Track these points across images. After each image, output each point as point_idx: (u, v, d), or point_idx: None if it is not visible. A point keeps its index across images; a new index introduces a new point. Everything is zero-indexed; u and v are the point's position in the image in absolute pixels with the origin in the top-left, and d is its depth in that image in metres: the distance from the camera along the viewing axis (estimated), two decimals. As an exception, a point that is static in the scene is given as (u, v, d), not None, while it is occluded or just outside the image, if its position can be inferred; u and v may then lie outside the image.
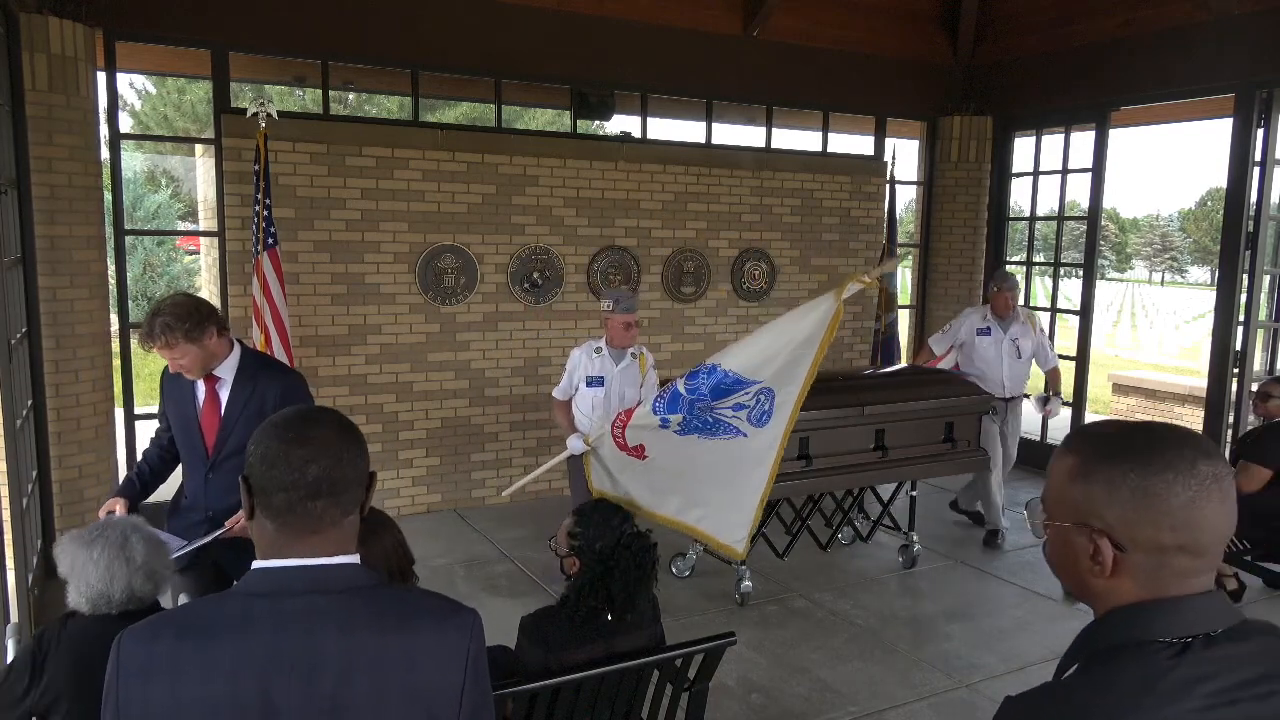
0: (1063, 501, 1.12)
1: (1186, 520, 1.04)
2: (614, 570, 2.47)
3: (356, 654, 1.24)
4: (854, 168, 7.48)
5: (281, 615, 1.24)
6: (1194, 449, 1.06)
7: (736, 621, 4.41)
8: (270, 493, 1.28)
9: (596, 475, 4.54)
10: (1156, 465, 1.05)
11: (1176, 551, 1.05)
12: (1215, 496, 1.04)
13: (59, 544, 2.25)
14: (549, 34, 6.22)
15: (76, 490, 4.90)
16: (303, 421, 1.33)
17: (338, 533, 1.31)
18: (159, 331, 2.80)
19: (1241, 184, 6.04)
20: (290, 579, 1.27)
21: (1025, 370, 5.79)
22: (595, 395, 4.52)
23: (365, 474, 1.36)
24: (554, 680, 2.30)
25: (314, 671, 1.23)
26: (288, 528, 1.28)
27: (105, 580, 2.16)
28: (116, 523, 2.30)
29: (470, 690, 1.31)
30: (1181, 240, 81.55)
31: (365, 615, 1.27)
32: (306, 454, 1.28)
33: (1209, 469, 1.05)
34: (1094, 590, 1.12)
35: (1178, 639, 1.03)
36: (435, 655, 1.29)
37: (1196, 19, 6.17)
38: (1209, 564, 1.07)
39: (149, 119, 20.54)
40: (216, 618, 1.26)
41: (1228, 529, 1.07)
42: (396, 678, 1.26)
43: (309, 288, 5.67)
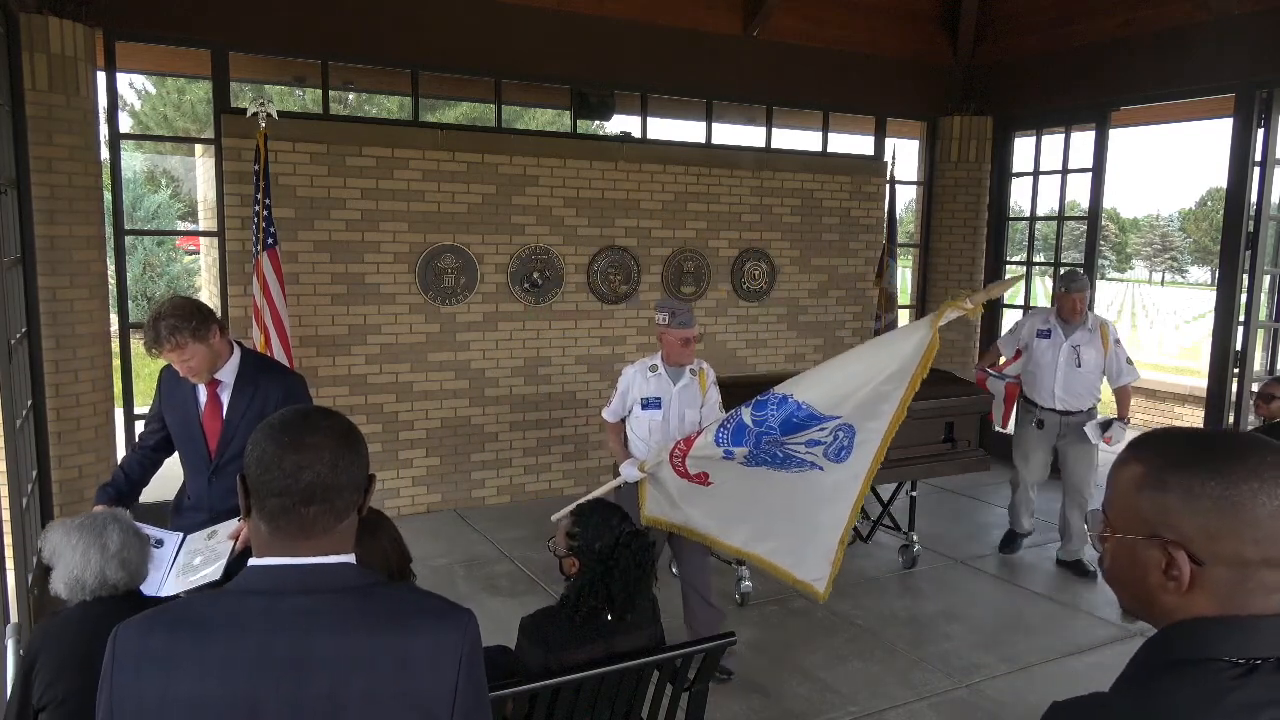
0: (1130, 512, 1.04)
1: (1273, 532, 0.97)
2: (613, 570, 2.47)
3: (350, 654, 1.24)
4: (854, 168, 7.48)
5: (275, 613, 1.24)
6: (1274, 456, 0.99)
7: (736, 621, 4.40)
8: (264, 496, 1.28)
9: (653, 502, 3.94)
10: (1239, 473, 0.98)
11: (1260, 565, 0.98)
12: None
13: (45, 531, 2.31)
14: (549, 34, 6.22)
15: (76, 490, 4.90)
16: (300, 426, 1.32)
17: (330, 537, 1.31)
18: (166, 334, 2.79)
19: (1241, 184, 6.04)
20: (285, 577, 1.27)
21: (1087, 383, 5.21)
22: (652, 419, 3.97)
23: (363, 477, 1.35)
24: (554, 680, 2.30)
25: (306, 671, 1.22)
26: (280, 531, 1.28)
27: (80, 566, 2.23)
28: (101, 514, 2.34)
29: (464, 690, 1.30)
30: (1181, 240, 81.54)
31: (360, 615, 1.27)
32: (301, 460, 1.27)
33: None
34: (1164, 607, 1.04)
35: (1246, 659, 0.96)
36: (429, 655, 1.28)
37: (1196, 19, 6.17)
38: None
39: (149, 119, 20.54)
40: (211, 614, 1.26)
41: None
42: (390, 678, 1.25)
43: (309, 288, 5.67)
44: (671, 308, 4.00)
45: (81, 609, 2.22)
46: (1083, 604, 4.83)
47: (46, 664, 2.11)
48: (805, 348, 7.45)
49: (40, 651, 2.13)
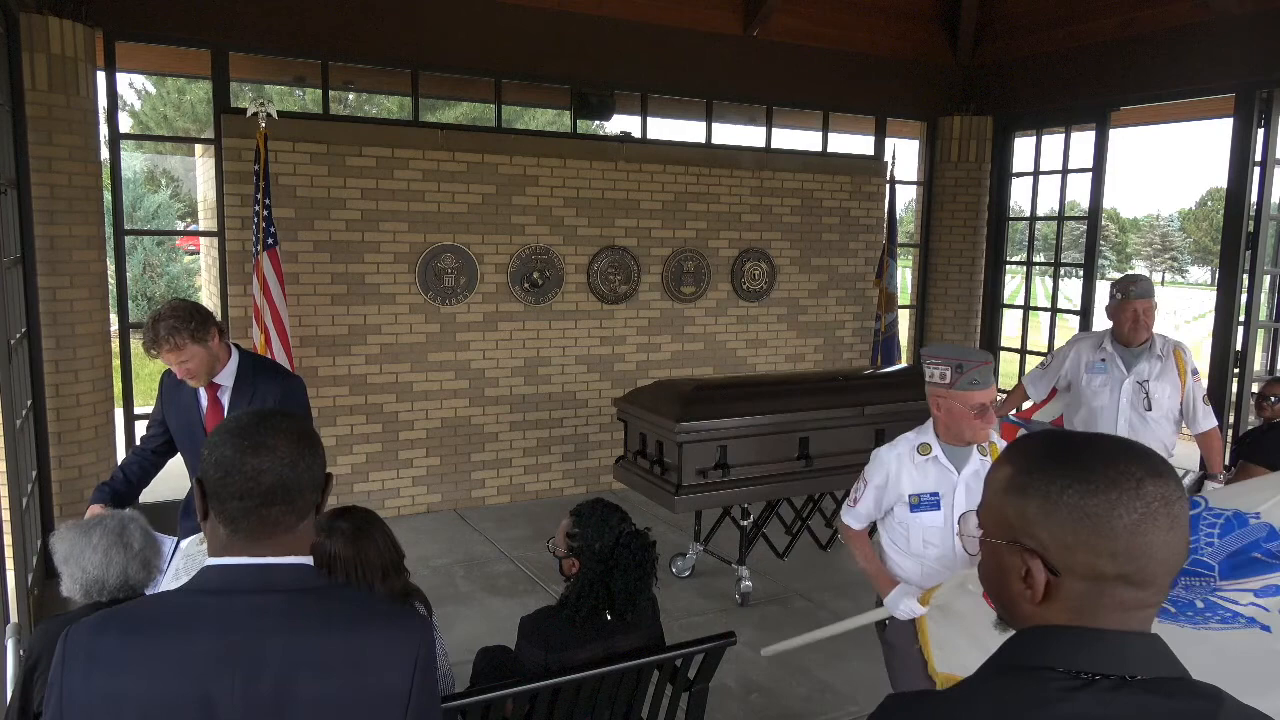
0: (996, 516, 1.01)
1: (1129, 547, 0.93)
2: (614, 570, 2.47)
3: (302, 654, 1.24)
4: (854, 168, 7.48)
5: (229, 613, 1.24)
6: (1142, 466, 0.95)
7: (736, 621, 4.40)
8: (225, 500, 1.28)
9: (947, 651, 2.63)
10: (1098, 482, 0.94)
11: (1116, 580, 0.94)
12: (1163, 521, 0.94)
13: (57, 532, 2.28)
14: (549, 34, 6.22)
15: (76, 490, 4.90)
16: (257, 428, 1.32)
17: (290, 537, 1.31)
18: (165, 335, 2.80)
19: (1241, 184, 6.04)
20: (240, 577, 1.27)
21: (1160, 434, 3.90)
22: (927, 525, 2.72)
23: (320, 478, 1.36)
24: (554, 680, 2.30)
25: (258, 670, 1.22)
26: (240, 533, 1.29)
27: (102, 566, 2.19)
28: (114, 514, 2.32)
29: (417, 694, 1.30)
30: (1181, 240, 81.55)
31: (313, 615, 1.27)
32: (261, 462, 1.28)
33: (1157, 490, 0.94)
34: (1023, 615, 1.00)
35: (1084, 673, 0.93)
36: (382, 657, 1.28)
37: (1196, 19, 6.16)
38: (1154, 597, 0.96)
39: (149, 119, 20.53)
40: (164, 614, 1.26)
41: (1177, 559, 0.96)
42: (342, 678, 1.25)
43: (309, 288, 5.67)
44: (957, 358, 2.65)
45: (85, 612, 2.19)
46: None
47: (48, 667, 2.11)
48: (805, 348, 7.45)
49: (42, 654, 2.12)
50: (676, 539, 5.51)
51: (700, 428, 4.46)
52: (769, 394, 4.77)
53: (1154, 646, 0.96)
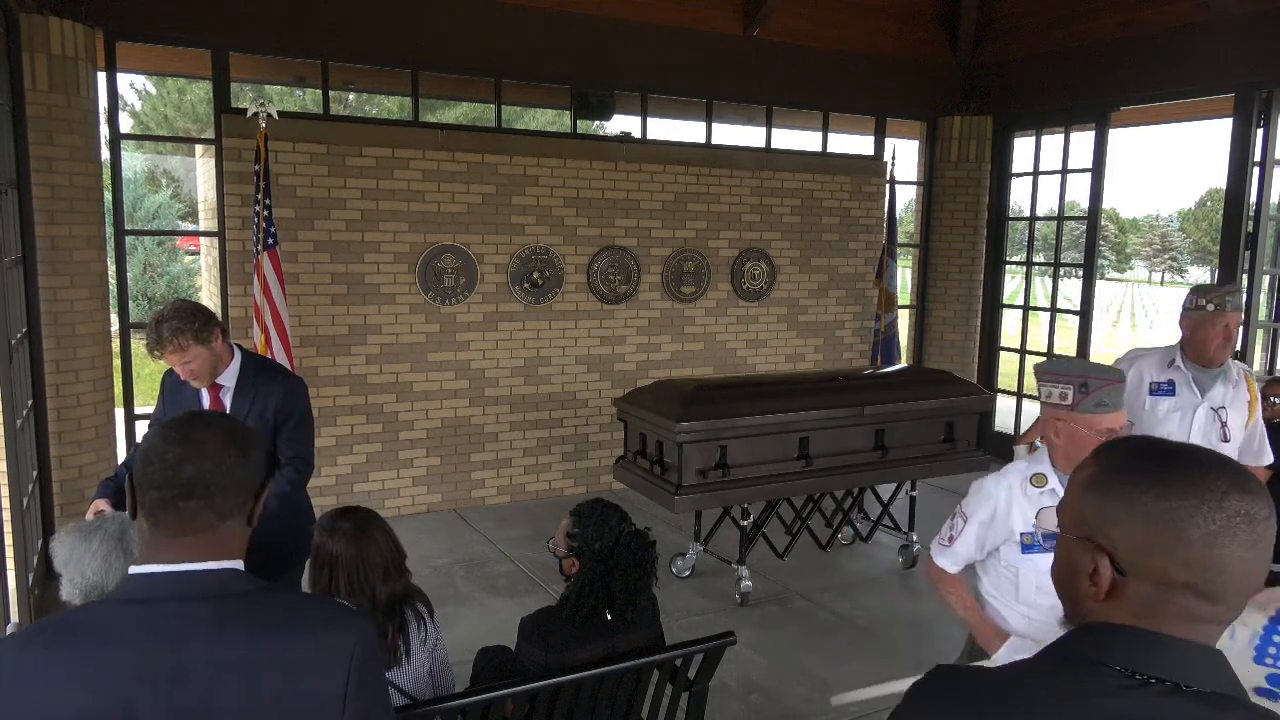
0: (1074, 512, 1.02)
1: (1203, 558, 0.91)
2: (614, 570, 2.47)
3: (229, 660, 1.21)
4: (854, 168, 7.48)
5: (150, 622, 1.22)
6: (1230, 479, 0.93)
7: (736, 621, 4.41)
8: (145, 490, 1.27)
9: None
10: (1179, 489, 0.93)
11: (1184, 590, 0.93)
12: (1244, 538, 0.91)
13: (57, 536, 2.26)
14: (549, 34, 6.22)
15: (77, 490, 4.90)
16: (190, 422, 1.33)
17: (214, 537, 1.28)
18: (169, 335, 2.80)
19: (1241, 184, 6.04)
20: (161, 585, 1.25)
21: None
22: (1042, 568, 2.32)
23: (252, 482, 1.33)
24: (554, 680, 2.30)
25: (180, 680, 1.20)
26: (160, 528, 1.27)
27: (102, 572, 2.17)
28: (115, 516, 2.30)
29: (355, 695, 1.27)
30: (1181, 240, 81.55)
31: (240, 621, 1.25)
32: (183, 453, 1.27)
33: (1242, 505, 0.92)
34: (1085, 613, 1.00)
35: (1141, 674, 0.92)
36: (313, 662, 1.25)
37: (1196, 19, 6.17)
38: (1223, 614, 0.94)
39: (149, 119, 20.53)
40: (87, 625, 1.24)
41: (1254, 579, 0.93)
42: (271, 684, 1.22)
43: (309, 288, 5.67)
44: (1081, 375, 2.30)
45: None
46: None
47: None
48: (805, 348, 7.46)
49: None
50: (676, 539, 5.51)
51: (700, 428, 4.47)
52: (769, 394, 4.77)
53: (1215, 660, 0.94)
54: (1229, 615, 0.95)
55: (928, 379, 5.35)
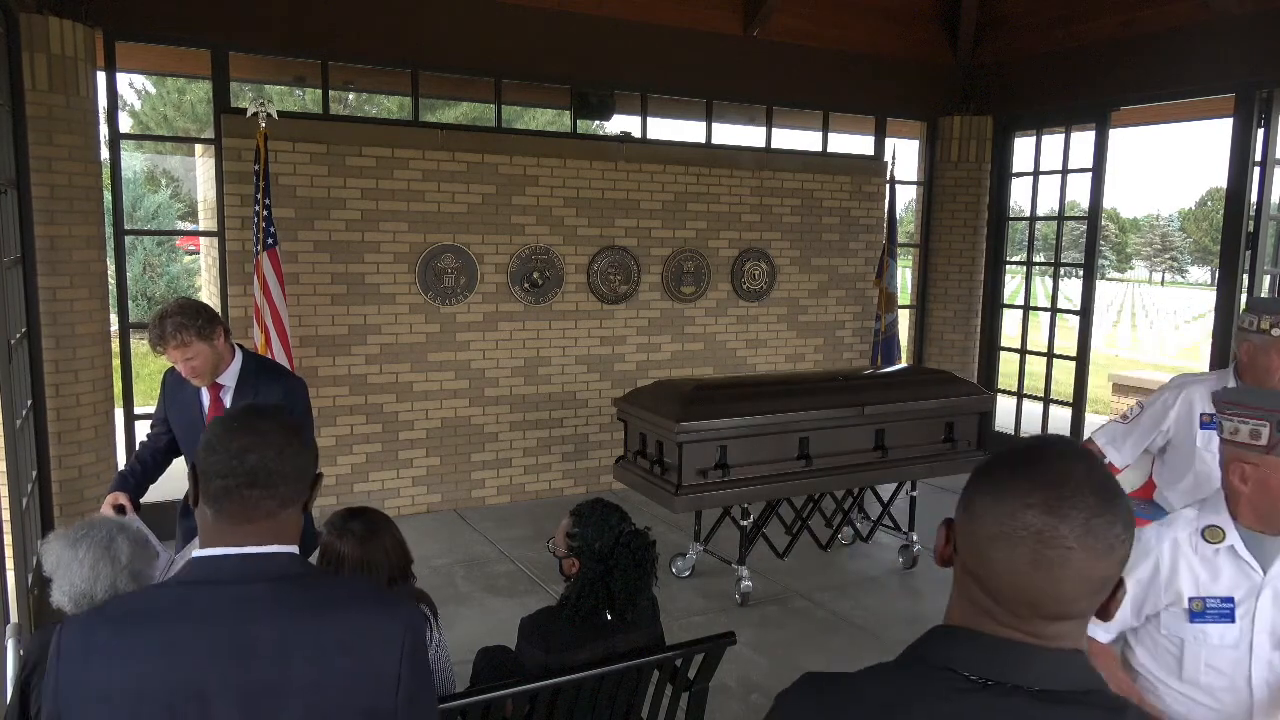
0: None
1: (984, 555, 0.96)
2: (614, 569, 2.47)
3: (292, 639, 1.27)
4: (854, 168, 7.48)
5: (217, 602, 1.27)
6: (1045, 496, 0.94)
7: (736, 621, 4.41)
8: (210, 479, 1.32)
9: None
10: (989, 488, 0.98)
11: (974, 581, 0.99)
12: (1025, 553, 0.93)
13: (44, 542, 2.24)
14: (549, 34, 6.22)
15: (76, 490, 4.90)
16: (250, 415, 1.39)
17: (274, 524, 1.34)
18: (172, 331, 2.80)
19: (1241, 184, 6.04)
20: (225, 567, 1.30)
21: None
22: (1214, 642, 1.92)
23: (308, 472, 1.40)
24: (554, 680, 2.30)
25: (249, 658, 1.25)
26: (224, 515, 1.32)
27: (89, 580, 2.15)
28: (102, 522, 2.28)
29: (408, 678, 1.32)
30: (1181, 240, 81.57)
31: (300, 601, 1.30)
32: (247, 443, 1.32)
33: (1040, 524, 0.93)
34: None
35: (980, 677, 0.95)
36: (371, 641, 1.31)
37: (1196, 19, 6.17)
38: (1010, 617, 0.96)
39: (149, 119, 20.54)
40: (153, 607, 1.29)
41: (1040, 595, 0.94)
42: (332, 662, 1.28)
43: (309, 288, 5.67)
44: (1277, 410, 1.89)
45: None
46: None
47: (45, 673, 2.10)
48: (805, 348, 7.46)
49: (38, 664, 2.11)
50: (676, 539, 5.51)
51: (700, 428, 4.46)
52: (769, 394, 4.77)
53: (1055, 659, 0.96)
54: (1021, 625, 0.96)
55: (928, 379, 5.35)
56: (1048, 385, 7.58)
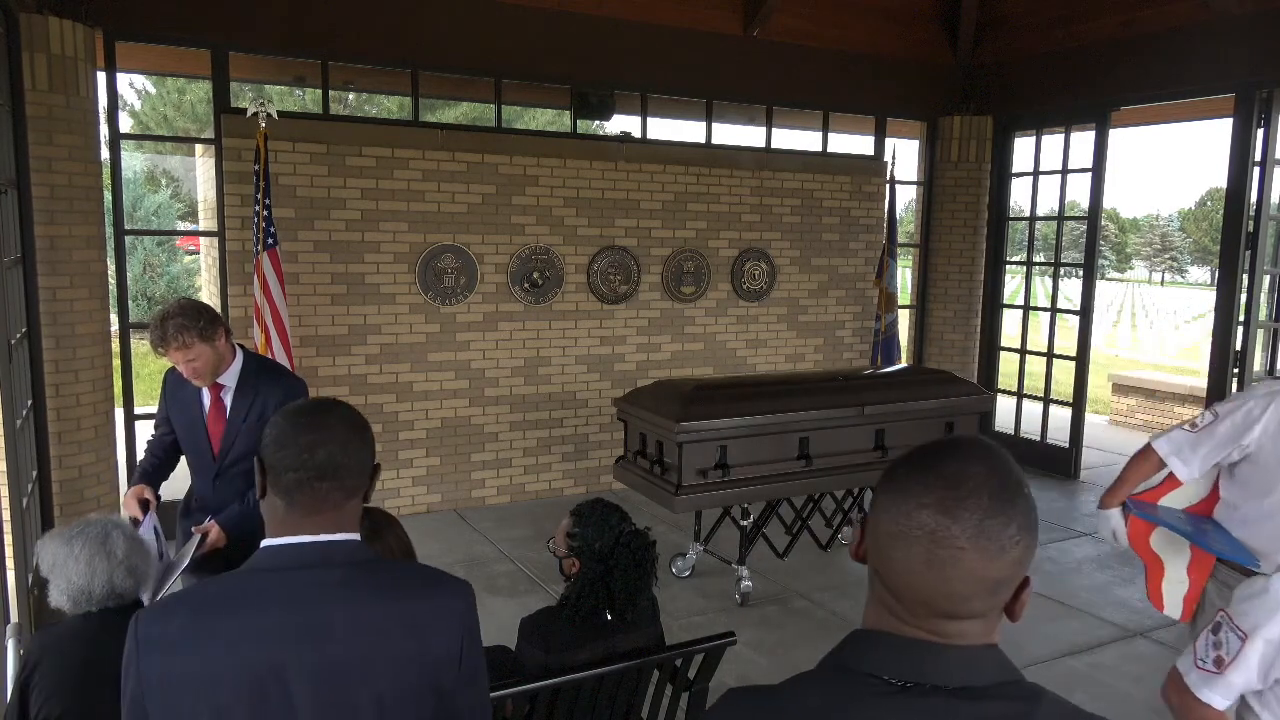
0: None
1: (884, 554, 0.98)
2: (614, 569, 2.47)
3: (362, 622, 1.33)
4: (854, 168, 7.48)
5: (291, 587, 1.33)
6: (940, 496, 0.94)
7: (736, 621, 4.40)
8: (281, 472, 1.38)
9: None
10: (894, 487, 0.99)
11: (877, 578, 1.00)
12: (919, 552, 0.94)
13: (40, 543, 2.25)
14: (549, 34, 6.22)
15: (76, 490, 4.90)
16: (316, 410, 1.45)
17: (340, 514, 1.40)
18: (173, 333, 2.80)
19: (1241, 184, 6.04)
20: (297, 554, 1.37)
21: None
22: None
23: (370, 464, 1.46)
24: (554, 680, 2.30)
25: (324, 640, 1.31)
26: (296, 506, 1.38)
27: (86, 576, 2.15)
28: (97, 520, 2.29)
29: (468, 654, 1.41)
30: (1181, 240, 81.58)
31: (368, 586, 1.37)
32: (316, 438, 1.39)
33: (934, 523, 0.94)
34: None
35: (898, 680, 0.96)
36: (435, 622, 1.39)
37: (1196, 19, 6.17)
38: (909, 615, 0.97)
39: (149, 119, 20.54)
40: (228, 594, 1.35)
41: (932, 593, 0.95)
42: (400, 643, 1.35)
43: (309, 288, 5.67)
44: None
45: (82, 621, 2.17)
46: (1082, 604, 4.83)
47: (44, 677, 2.09)
48: (805, 348, 7.46)
49: (38, 665, 2.11)
50: (676, 539, 5.51)
51: (700, 428, 4.46)
52: (769, 394, 4.77)
53: (968, 656, 0.97)
54: (921, 623, 0.97)
55: (928, 379, 5.35)
56: (1047, 385, 7.58)
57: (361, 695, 1.33)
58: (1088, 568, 5.36)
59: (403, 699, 1.35)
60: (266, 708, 1.29)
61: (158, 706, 1.28)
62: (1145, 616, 4.65)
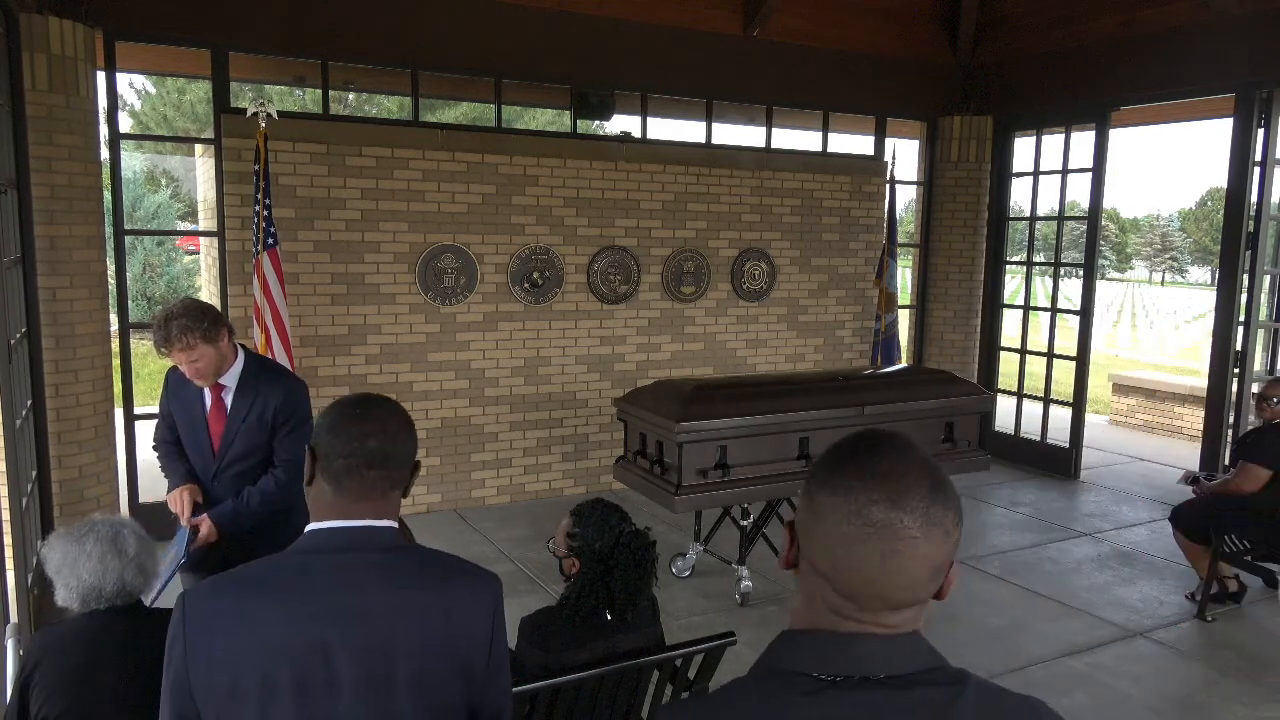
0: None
1: (833, 554, 0.97)
2: (614, 570, 2.47)
3: (402, 604, 1.40)
4: (854, 168, 7.48)
5: (335, 569, 1.40)
6: (887, 490, 0.96)
7: (736, 621, 4.40)
8: (332, 459, 1.44)
9: None
10: (833, 485, 0.98)
11: (824, 580, 0.98)
12: (876, 547, 0.94)
13: (47, 542, 2.24)
14: (549, 34, 6.22)
15: (76, 490, 4.90)
16: (367, 402, 1.52)
17: (384, 502, 1.47)
18: (177, 334, 2.80)
19: (1241, 184, 6.04)
20: (343, 538, 1.43)
21: None
22: None
23: (413, 457, 1.53)
24: (554, 680, 2.30)
25: (365, 619, 1.37)
26: (344, 492, 1.44)
27: (98, 574, 2.15)
28: (104, 519, 2.29)
29: (497, 641, 1.48)
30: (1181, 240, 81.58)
31: (408, 571, 1.44)
32: (367, 428, 1.45)
33: (885, 517, 0.95)
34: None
35: (828, 675, 0.96)
36: (468, 609, 1.46)
37: (1196, 19, 6.17)
38: (863, 611, 0.97)
39: (149, 119, 20.54)
40: (276, 573, 1.41)
41: (890, 587, 0.96)
42: (437, 627, 1.42)
43: (309, 288, 5.67)
44: None
45: (83, 621, 2.17)
46: (1082, 604, 4.83)
47: (45, 676, 2.09)
48: (805, 348, 7.46)
49: (38, 664, 2.11)
50: (676, 539, 5.51)
51: (700, 428, 4.46)
52: (769, 394, 4.77)
53: (897, 645, 0.98)
54: (874, 618, 0.98)
55: (928, 379, 5.35)
56: (1048, 385, 7.58)
57: (398, 673, 1.38)
58: (1088, 568, 5.36)
59: (435, 679, 1.41)
60: (311, 683, 1.34)
61: (203, 681, 1.32)
62: (1145, 616, 4.66)
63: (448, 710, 1.43)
